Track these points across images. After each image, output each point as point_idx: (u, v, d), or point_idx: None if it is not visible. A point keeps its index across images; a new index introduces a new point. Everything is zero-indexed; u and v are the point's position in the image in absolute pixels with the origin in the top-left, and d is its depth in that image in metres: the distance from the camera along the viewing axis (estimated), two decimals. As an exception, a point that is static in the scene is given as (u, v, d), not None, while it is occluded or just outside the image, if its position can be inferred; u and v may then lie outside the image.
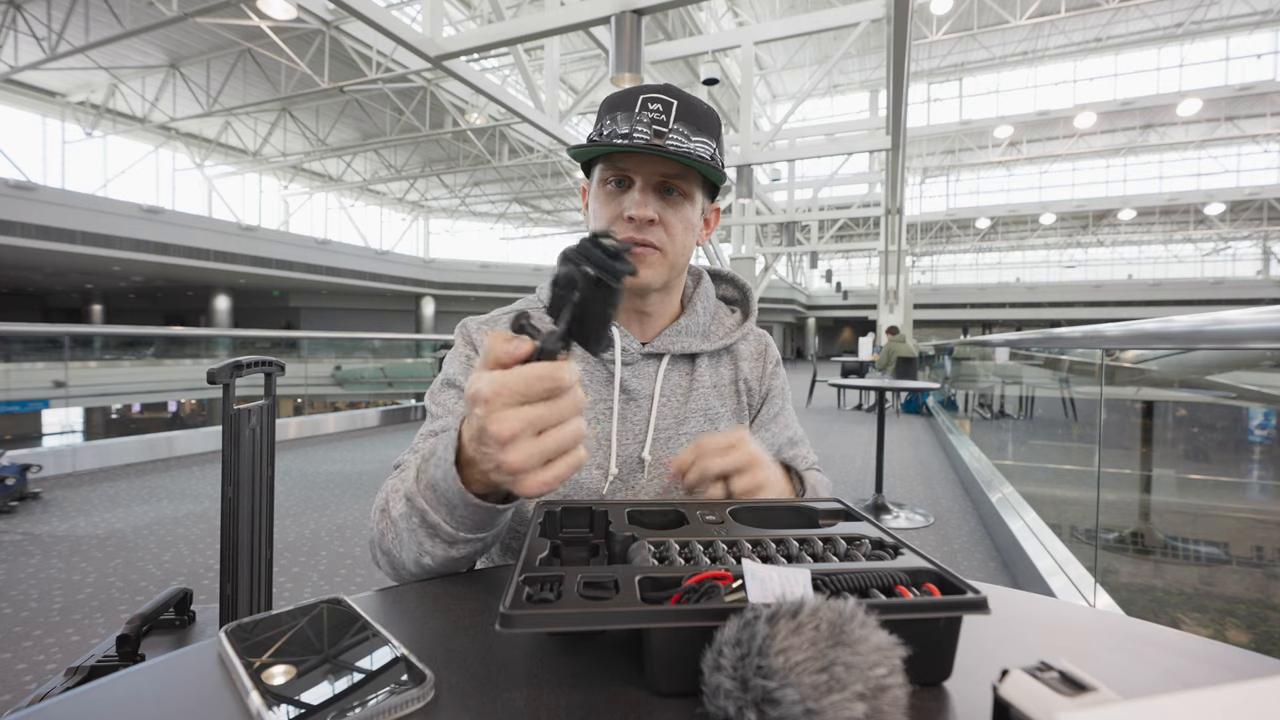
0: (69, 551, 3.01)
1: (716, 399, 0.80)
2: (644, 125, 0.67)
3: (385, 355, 12.47)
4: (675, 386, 0.79)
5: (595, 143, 0.70)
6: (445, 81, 12.83)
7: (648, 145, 0.67)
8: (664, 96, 0.69)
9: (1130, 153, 23.85)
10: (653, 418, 0.76)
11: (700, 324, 0.82)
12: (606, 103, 0.72)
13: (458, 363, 0.76)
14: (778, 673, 0.29)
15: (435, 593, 0.52)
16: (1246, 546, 2.62)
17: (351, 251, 20.89)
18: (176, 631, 1.23)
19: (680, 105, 0.69)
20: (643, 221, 0.70)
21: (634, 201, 0.70)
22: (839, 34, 12.71)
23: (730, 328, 0.85)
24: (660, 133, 0.67)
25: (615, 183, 0.71)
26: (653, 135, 0.67)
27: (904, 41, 4.98)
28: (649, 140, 0.67)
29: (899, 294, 12.90)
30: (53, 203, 12.90)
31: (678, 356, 0.80)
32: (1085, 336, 2.43)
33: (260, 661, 0.38)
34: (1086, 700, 0.26)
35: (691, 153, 0.68)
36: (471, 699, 0.37)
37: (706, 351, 0.81)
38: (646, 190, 0.70)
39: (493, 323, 0.80)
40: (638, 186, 0.70)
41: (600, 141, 0.69)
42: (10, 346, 6.93)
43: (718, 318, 0.86)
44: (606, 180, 0.72)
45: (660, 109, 0.69)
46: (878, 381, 4.38)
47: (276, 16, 9.11)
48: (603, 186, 0.72)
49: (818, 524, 0.56)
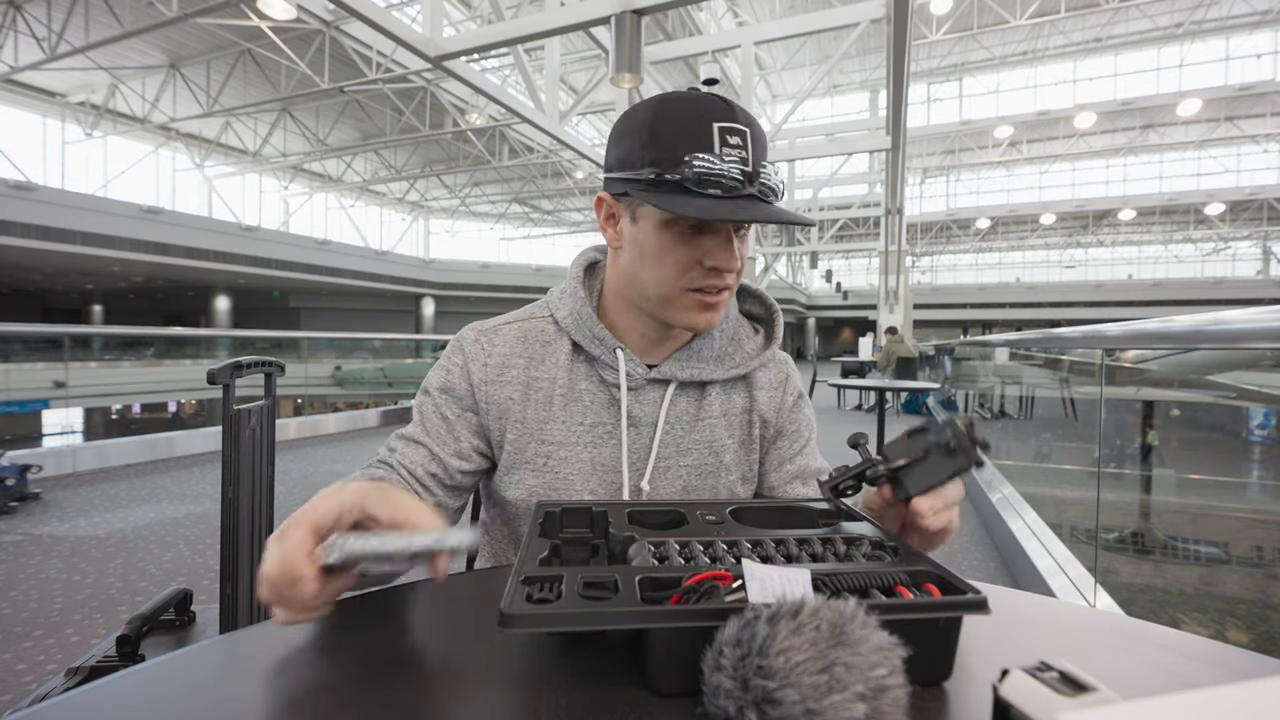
0: (69, 552, 3.01)
1: (724, 430, 0.76)
2: (734, 168, 0.58)
3: (385, 355, 12.47)
4: (681, 414, 0.74)
5: (688, 189, 0.59)
6: (445, 82, 12.82)
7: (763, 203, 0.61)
8: (740, 127, 0.60)
9: (1130, 153, 23.83)
10: (655, 446, 0.72)
11: (715, 347, 0.76)
12: (666, 125, 0.61)
13: (440, 371, 0.74)
14: (778, 673, 0.28)
15: (435, 593, 0.52)
16: (1246, 546, 2.62)
17: (351, 252, 20.88)
18: (176, 632, 1.23)
19: (753, 133, 0.61)
20: (730, 272, 0.65)
21: (720, 249, 0.64)
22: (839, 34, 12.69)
23: (750, 353, 0.78)
24: (749, 175, 0.59)
25: (690, 227, 0.63)
26: (744, 181, 0.59)
27: (904, 41, 4.98)
28: (744, 188, 0.59)
29: (899, 294, 12.89)
30: (52, 203, 12.89)
31: (686, 384, 0.75)
32: (1085, 336, 2.44)
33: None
34: (1086, 700, 0.26)
35: (797, 216, 0.61)
36: (471, 699, 0.36)
37: (719, 380, 0.75)
38: (730, 238, 0.64)
39: (493, 332, 0.75)
40: (720, 232, 0.64)
41: (695, 191, 0.58)
42: (10, 347, 6.93)
43: (737, 339, 0.79)
44: (678, 222, 0.63)
45: (740, 143, 0.60)
46: (878, 381, 4.38)
47: (276, 17, 9.11)
48: (671, 228, 0.63)
49: (817, 524, 0.56)
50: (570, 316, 0.73)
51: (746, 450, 0.77)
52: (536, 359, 0.73)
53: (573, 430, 0.71)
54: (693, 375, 0.73)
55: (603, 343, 0.72)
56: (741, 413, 0.77)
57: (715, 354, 0.75)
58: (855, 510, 0.57)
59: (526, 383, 0.72)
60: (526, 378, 0.73)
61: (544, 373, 0.73)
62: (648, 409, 0.73)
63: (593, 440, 0.71)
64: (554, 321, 0.76)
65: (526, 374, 0.73)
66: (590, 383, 0.73)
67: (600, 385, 0.73)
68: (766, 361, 0.79)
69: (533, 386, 0.72)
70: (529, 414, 0.71)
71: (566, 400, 0.72)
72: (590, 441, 0.71)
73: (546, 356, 0.74)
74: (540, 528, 0.51)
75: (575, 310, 0.73)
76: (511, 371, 0.73)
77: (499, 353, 0.73)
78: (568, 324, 0.73)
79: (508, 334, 0.75)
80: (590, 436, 0.71)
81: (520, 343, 0.74)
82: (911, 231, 28.02)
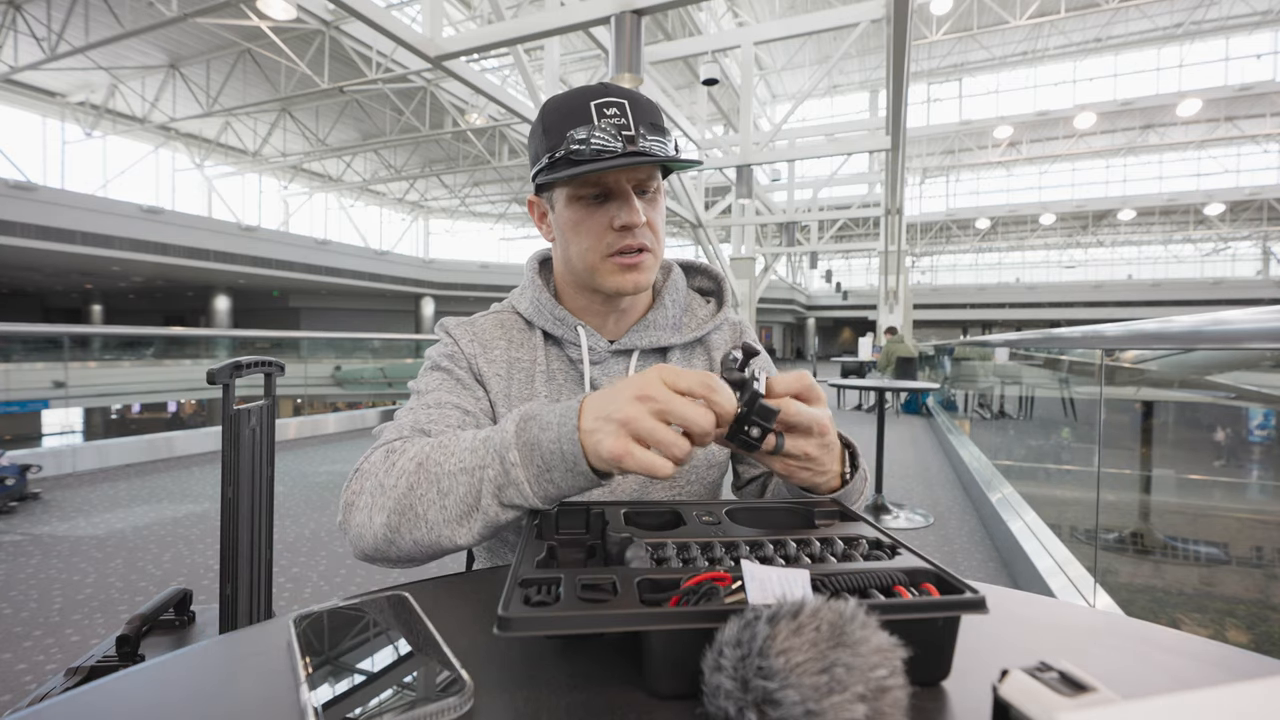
0: (69, 552, 3.01)
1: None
2: (612, 133, 0.65)
3: (385, 355, 12.47)
4: None
5: (578, 160, 0.65)
6: (445, 82, 12.82)
7: (644, 155, 0.66)
8: (616, 99, 0.68)
9: (1130, 153, 23.85)
10: None
11: (670, 316, 0.80)
12: (553, 114, 0.69)
13: (435, 353, 0.77)
14: (778, 674, 0.28)
15: (434, 595, 0.52)
16: (1246, 547, 2.62)
17: (351, 252, 20.88)
18: (176, 632, 1.23)
19: (632, 104, 0.68)
20: (635, 227, 0.69)
21: (622, 209, 0.69)
22: (839, 34, 12.73)
23: (703, 319, 0.84)
24: (630, 137, 0.66)
25: (593, 196, 0.70)
26: (625, 142, 0.65)
27: (904, 42, 4.98)
28: (624, 149, 0.65)
29: (899, 294, 12.89)
30: (52, 203, 12.89)
31: (648, 351, 0.79)
32: (1085, 337, 2.44)
33: (318, 657, 0.40)
34: (1086, 700, 0.26)
35: (678, 155, 0.68)
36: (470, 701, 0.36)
37: (678, 345, 0.80)
38: (629, 196, 0.69)
39: (470, 324, 0.80)
40: (619, 195, 0.69)
41: (582, 158, 0.65)
42: (10, 347, 6.92)
43: (690, 309, 0.85)
44: (581, 195, 0.70)
45: (618, 112, 0.67)
46: (877, 382, 4.38)
47: (276, 17, 9.09)
48: (576, 201, 0.70)
49: (815, 524, 0.56)
50: (531, 305, 0.79)
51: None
52: (516, 343, 0.79)
53: None
54: (652, 342, 0.78)
55: (564, 322, 0.77)
56: None
57: (671, 323, 0.81)
58: (852, 510, 0.57)
59: (509, 362, 0.77)
60: (509, 358, 0.77)
61: (524, 354, 0.78)
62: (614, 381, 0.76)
63: None
64: (519, 315, 0.81)
65: (508, 354, 0.78)
66: (562, 363, 0.78)
67: (570, 364, 0.78)
68: (720, 324, 0.85)
69: (515, 366, 0.77)
70: (513, 390, 0.75)
71: (546, 379, 0.76)
72: None
73: (524, 342, 0.79)
74: (536, 529, 0.51)
75: (535, 299, 0.79)
76: (494, 351, 0.77)
77: (481, 334, 0.79)
78: (530, 313, 0.79)
79: (485, 322, 0.81)
80: None
81: (499, 328, 0.80)
82: (911, 231, 28.04)
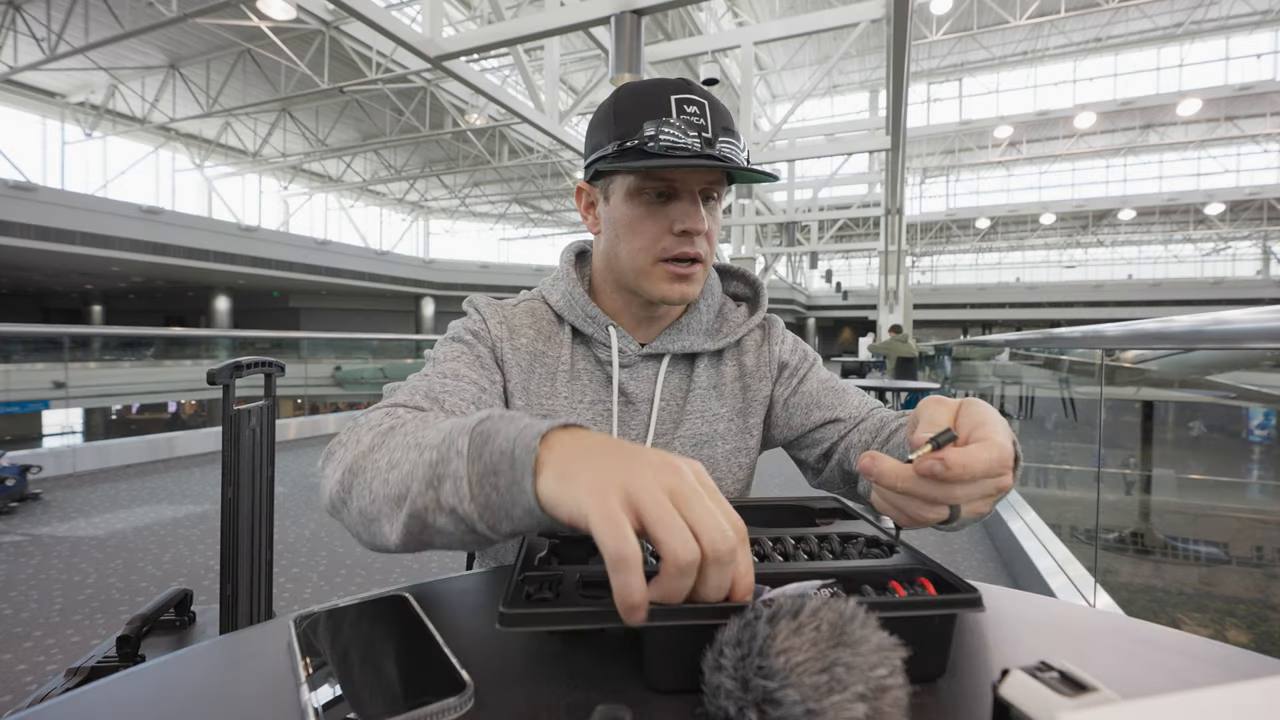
0: (69, 552, 3.01)
1: (715, 399, 0.77)
2: (691, 132, 0.61)
3: (385, 355, 12.48)
4: (675, 390, 0.76)
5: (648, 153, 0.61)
6: (445, 82, 12.81)
7: (722, 160, 0.62)
8: (697, 97, 0.64)
9: (1130, 153, 23.83)
10: (652, 423, 0.73)
11: (703, 322, 0.78)
12: (627, 100, 0.65)
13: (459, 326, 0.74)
14: (779, 673, 0.28)
15: (434, 593, 0.52)
16: (1246, 547, 2.62)
17: (351, 252, 20.87)
18: (177, 632, 1.23)
19: (711, 105, 0.64)
20: (697, 235, 0.66)
21: (686, 213, 0.65)
22: (839, 34, 12.69)
23: (736, 324, 0.81)
24: (708, 139, 0.62)
25: (657, 194, 0.66)
26: (701, 143, 0.62)
27: (904, 42, 4.98)
28: (700, 149, 0.62)
29: (899, 294, 12.88)
30: (52, 203, 12.88)
31: (679, 357, 0.77)
32: (1085, 336, 2.43)
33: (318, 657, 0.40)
34: (1086, 700, 0.26)
35: (756, 166, 0.64)
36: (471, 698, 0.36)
37: (707, 351, 0.78)
38: (695, 200, 0.66)
39: (501, 307, 0.77)
40: (684, 197, 0.66)
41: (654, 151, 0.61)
42: (10, 347, 6.92)
43: (724, 314, 0.82)
44: (644, 191, 0.66)
45: (697, 111, 0.63)
46: (878, 382, 4.38)
47: (276, 17, 9.10)
48: (637, 196, 0.66)
49: (814, 522, 0.56)
50: (563, 299, 0.76)
51: (744, 416, 0.79)
52: (544, 335, 0.76)
53: (575, 407, 0.73)
54: (684, 348, 0.76)
55: (595, 321, 0.74)
56: (733, 381, 0.80)
57: (704, 328, 0.78)
58: (851, 508, 0.58)
59: (533, 354, 0.74)
60: (533, 349, 0.74)
61: (550, 350, 0.75)
62: (643, 385, 0.75)
63: (593, 417, 0.73)
64: (549, 307, 0.78)
65: (534, 346, 0.75)
66: (588, 363, 0.75)
67: (597, 364, 0.75)
68: (754, 328, 0.82)
69: (538, 360, 0.74)
70: (532, 384, 0.73)
71: (570, 378, 0.74)
72: (590, 419, 0.73)
73: (552, 335, 0.76)
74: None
75: (568, 292, 0.76)
76: (521, 339, 0.74)
77: (511, 319, 0.76)
78: (561, 306, 0.76)
79: (517, 308, 0.78)
80: (590, 414, 0.73)
81: (529, 316, 0.77)
82: (911, 231, 28.03)
